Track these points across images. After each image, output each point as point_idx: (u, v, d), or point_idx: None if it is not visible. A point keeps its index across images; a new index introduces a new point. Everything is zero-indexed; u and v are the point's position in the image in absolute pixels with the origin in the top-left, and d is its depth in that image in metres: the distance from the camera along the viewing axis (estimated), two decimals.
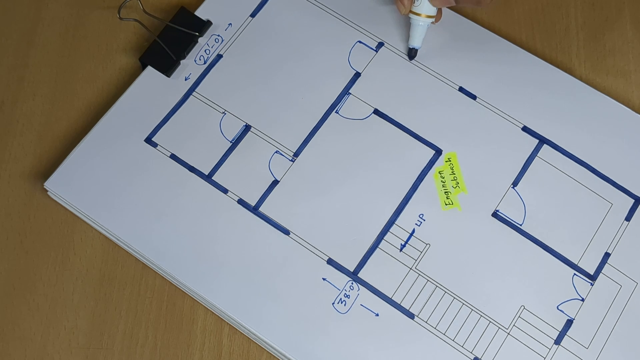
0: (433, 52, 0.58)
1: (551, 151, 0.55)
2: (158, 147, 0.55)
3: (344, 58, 0.58)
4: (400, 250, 0.53)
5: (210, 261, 0.52)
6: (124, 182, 0.54)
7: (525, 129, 0.56)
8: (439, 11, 0.56)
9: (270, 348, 0.51)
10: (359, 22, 0.59)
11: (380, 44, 0.58)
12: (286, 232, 0.53)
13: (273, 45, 0.58)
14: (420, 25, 0.56)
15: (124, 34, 0.59)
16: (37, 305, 0.52)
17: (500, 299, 0.52)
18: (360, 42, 0.58)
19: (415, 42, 0.57)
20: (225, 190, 0.54)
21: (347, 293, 0.52)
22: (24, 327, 0.52)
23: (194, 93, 0.57)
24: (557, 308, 0.52)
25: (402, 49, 0.58)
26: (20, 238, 0.54)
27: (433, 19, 0.56)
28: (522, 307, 0.51)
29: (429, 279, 0.52)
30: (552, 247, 0.53)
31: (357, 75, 0.57)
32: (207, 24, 0.58)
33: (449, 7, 0.57)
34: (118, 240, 0.53)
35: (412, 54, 0.57)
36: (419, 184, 0.54)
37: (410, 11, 0.55)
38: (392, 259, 0.52)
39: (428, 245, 0.53)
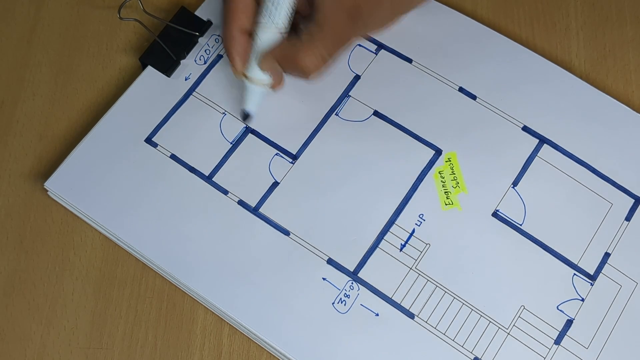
0: (433, 52, 0.58)
1: (551, 151, 0.55)
2: (158, 147, 0.55)
3: (344, 61, 0.58)
4: (400, 250, 0.53)
5: (211, 261, 0.52)
6: (124, 182, 0.54)
7: (525, 128, 0.56)
8: (279, 78, 0.53)
9: (270, 348, 0.51)
10: None
11: (380, 47, 0.58)
12: (286, 232, 0.53)
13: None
14: (251, 91, 0.53)
15: (124, 33, 0.60)
16: (37, 305, 0.52)
17: (500, 299, 0.52)
18: (359, 45, 0.58)
19: (248, 107, 0.54)
20: (225, 192, 0.54)
21: (347, 293, 0.52)
22: (24, 327, 0.52)
23: (194, 93, 0.57)
24: (557, 308, 0.52)
25: (403, 51, 0.58)
26: (20, 238, 0.54)
27: (266, 86, 0.53)
28: (522, 307, 0.51)
29: (429, 279, 0.52)
30: (552, 247, 0.53)
31: (357, 77, 0.57)
32: (207, 23, 0.58)
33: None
34: (118, 240, 0.53)
35: (245, 118, 0.54)
36: (419, 184, 0.54)
37: (244, 75, 0.53)
38: (392, 258, 0.52)
39: (428, 245, 0.53)
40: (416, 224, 0.53)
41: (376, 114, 0.56)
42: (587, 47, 0.59)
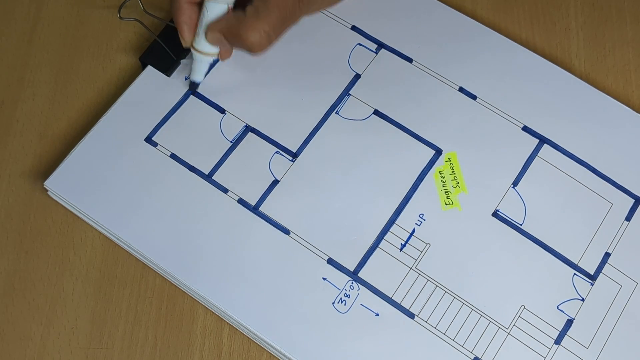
0: (433, 52, 0.58)
1: (551, 151, 0.55)
2: (158, 147, 0.55)
3: (344, 60, 0.58)
4: (401, 250, 0.53)
5: (210, 261, 0.52)
6: (124, 182, 0.54)
7: (525, 128, 0.56)
8: (227, 49, 0.55)
9: (270, 348, 0.51)
10: (359, 24, 0.59)
11: (380, 46, 0.58)
12: (286, 231, 0.53)
13: (273, 45, 0.58)
14: (199, 61, 0.55)
15: (124, 33, 0.60)
16: (37, 305, 0.52)
17: (500, 299, 0.52)
18: (360, 44, 0.58)
19: (195, 76, 0.56)
20: (225, 190, 0.54)
21: (347, 293, 0.52)
22: (24, 327, 0.52)
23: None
24: (557, 308, 0.52)
25: (403, 50, 0.58)
26: (20, 238, 0.54)
27: (214, 57, 0.54)
28: (522, 307, 0.51)
29: (429, 279, 0.52)
30: (552, 247, 0.53)
31: (357, 76, 0.57)
32: None
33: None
34: (118, 240, 0.53)
35: (192, 86, 0.56)
36: (419, 184, 0.54)
37: (192, 46, 0.54)
38: (392, 258, 0.52)
39: (428, 245, 0.53)
40: (416, 223, 0.53)
41: (376, 113, 0.56)
42: (587, 47, 0.59)
